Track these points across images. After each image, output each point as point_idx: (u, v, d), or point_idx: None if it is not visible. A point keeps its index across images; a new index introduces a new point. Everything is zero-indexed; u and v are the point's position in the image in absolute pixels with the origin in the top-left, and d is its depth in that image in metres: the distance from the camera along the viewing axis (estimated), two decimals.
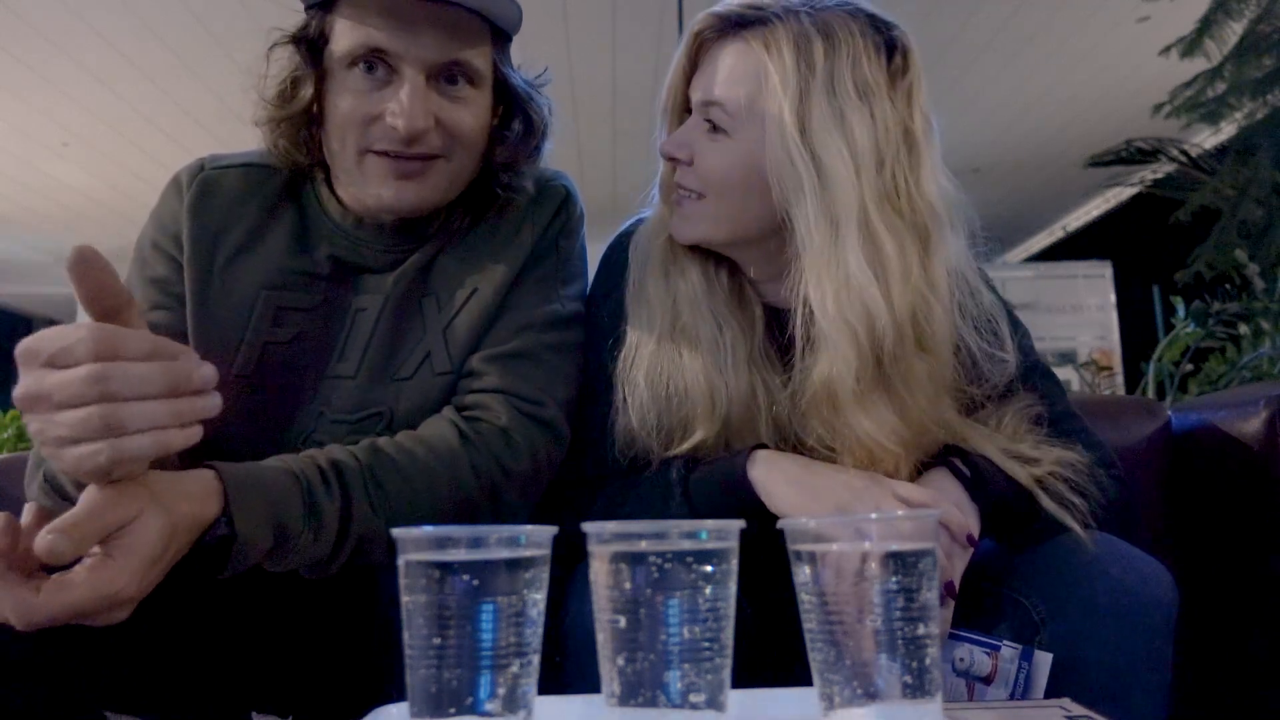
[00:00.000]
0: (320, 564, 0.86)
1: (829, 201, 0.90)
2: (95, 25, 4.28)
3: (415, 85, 0.93)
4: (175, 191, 1.04)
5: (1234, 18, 3.00)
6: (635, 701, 0.55)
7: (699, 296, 1.01)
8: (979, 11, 4.42)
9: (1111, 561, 0.85)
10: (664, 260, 1.04)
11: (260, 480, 0.82)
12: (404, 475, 0.89)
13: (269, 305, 1.01)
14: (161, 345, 0.67)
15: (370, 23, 0.93)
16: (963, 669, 0.84)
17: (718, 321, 1.00)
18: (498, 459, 0.94)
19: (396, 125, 0.93)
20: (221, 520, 0.78)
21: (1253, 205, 3.02)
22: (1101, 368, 4.29)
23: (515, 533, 0.56)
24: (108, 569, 0.68)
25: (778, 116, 0.91)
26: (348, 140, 0.96)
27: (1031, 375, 1.04)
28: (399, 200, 0.97)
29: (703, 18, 0.98)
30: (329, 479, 0.85)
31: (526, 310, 1.03)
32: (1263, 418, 1.20)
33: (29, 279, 9.03)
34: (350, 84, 0.95)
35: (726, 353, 0.99)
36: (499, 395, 0.98)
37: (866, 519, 0.58)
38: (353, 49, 0.94)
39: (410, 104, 0.93)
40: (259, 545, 0.80)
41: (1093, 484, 0.94)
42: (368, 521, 0.86)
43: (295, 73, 0.98)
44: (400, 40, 0.93)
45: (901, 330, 0.90)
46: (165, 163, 1.26)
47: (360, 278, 1.03)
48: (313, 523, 0.83)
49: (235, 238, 1.02)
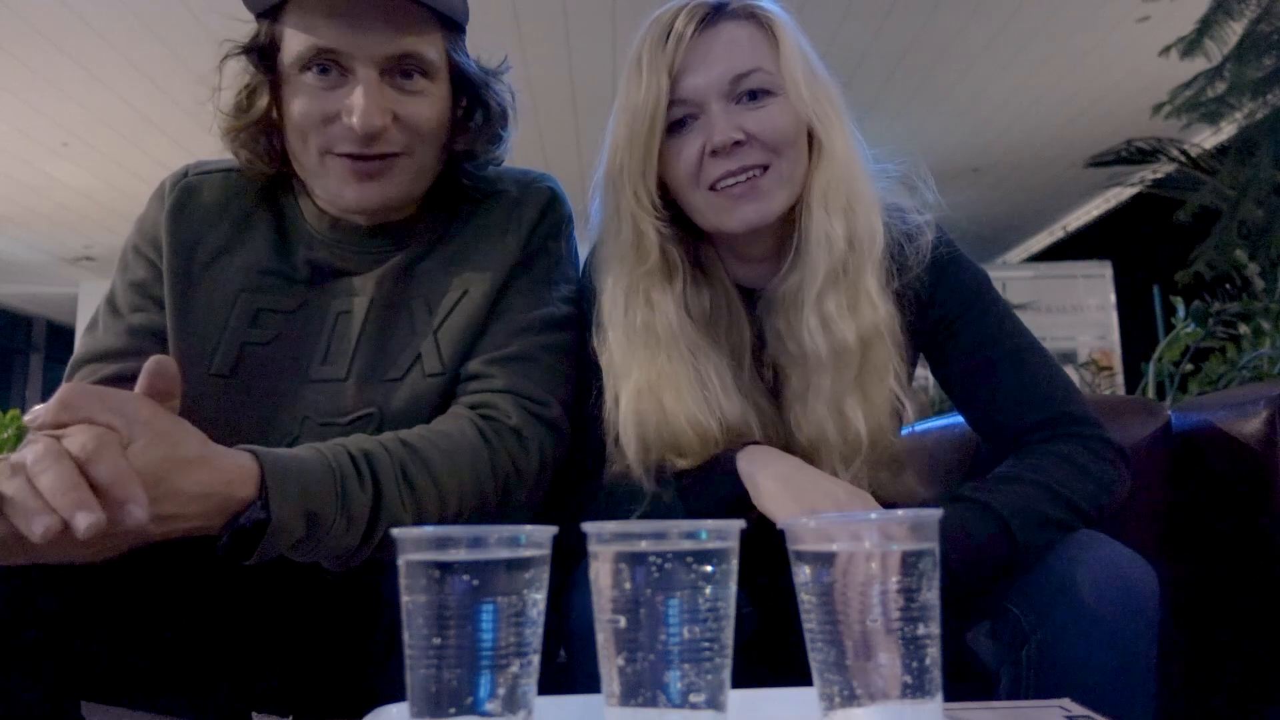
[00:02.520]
0: (347, 555, 0.85)
1: (841, 117, 1.02)
2: (95, 25, 4.28)
3: (369, 82, 0.94)
4: (158, 198, 1.07)
5: (1234, 18, 2.99)
6: (635, 701, 0.55)
7: (675, 333, 1.00)
8: (979, 12, 4.42)
9: (1093, 563, 0.85)
10: (630, 299, 1.02)
11: (297, 466, 0.81)
12: (433, 469, 0.89)
13: (247, 307, 1.01)
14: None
15: (317, 25, 0.94)
16: None
17: (696, 356, 1.00)
18: (513, 458, 0.95)
19: (353, 124, 0.93)
20: (257, 503, 0.77)
21: (1253, 205, 3.02)
22: (1101, 368, 4.30)
23: (515, 533, 0.56)
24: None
25: (800, 52, 1.01)
26: (308, 143, 0.97)
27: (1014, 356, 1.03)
28: (362, 200, 0.98)
29: (681, 20, 0.99)
30: (361, 469, 0.85)
31: (521, 314, 1.03)
32: (1263, 418, 1.20)
33: (29, 279, 9.03)
34: (304, 87, 0.96)
35: (714, 388, 0.99)
36: (508, 395, 0.98)
37: (866, 519, 0.58)
38: (302, 52, 0.95)
39: (365, 102, 0.93)
40: (292, 532, 0.79)
41: (1077, 475, 0.94)
42: (397, 513, 0.86)
43: (250, 82, 0.99)
44: (348, 38, 0.93)
45: (871, 231, 1.00)
46: (165, 163, 1.26)
47: (340, 281, 1.04)
48: (345, 512, 0.83)
49: (214, 242, 1.04)
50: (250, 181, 1.06)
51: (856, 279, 1.00)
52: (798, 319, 1.00)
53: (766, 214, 0.99)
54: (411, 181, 1.01)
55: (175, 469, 0.71)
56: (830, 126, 1.01)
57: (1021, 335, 1.05)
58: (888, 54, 4.80)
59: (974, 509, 0.89)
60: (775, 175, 0.99)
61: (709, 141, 0.97)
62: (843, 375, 0.99)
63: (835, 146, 1.01)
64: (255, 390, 1.01)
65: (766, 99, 0.99)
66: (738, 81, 0.98)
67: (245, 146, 1.02)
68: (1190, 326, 2.78)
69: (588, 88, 5.05)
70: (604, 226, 1.06)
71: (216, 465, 0.75)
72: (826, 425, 0.99)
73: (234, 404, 1.00)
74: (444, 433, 0.93)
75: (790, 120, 0.99)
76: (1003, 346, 1.03)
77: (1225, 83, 3.03)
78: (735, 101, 0.99)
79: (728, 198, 0.99)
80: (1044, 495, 0.90)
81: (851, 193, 1.01)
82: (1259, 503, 1.21)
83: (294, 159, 1.01)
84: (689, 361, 1.00)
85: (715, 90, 0.98)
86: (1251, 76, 2.97)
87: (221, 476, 0.75)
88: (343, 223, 1.04)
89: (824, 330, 0.98)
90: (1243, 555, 1.24)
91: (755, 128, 0.98)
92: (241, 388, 1.00)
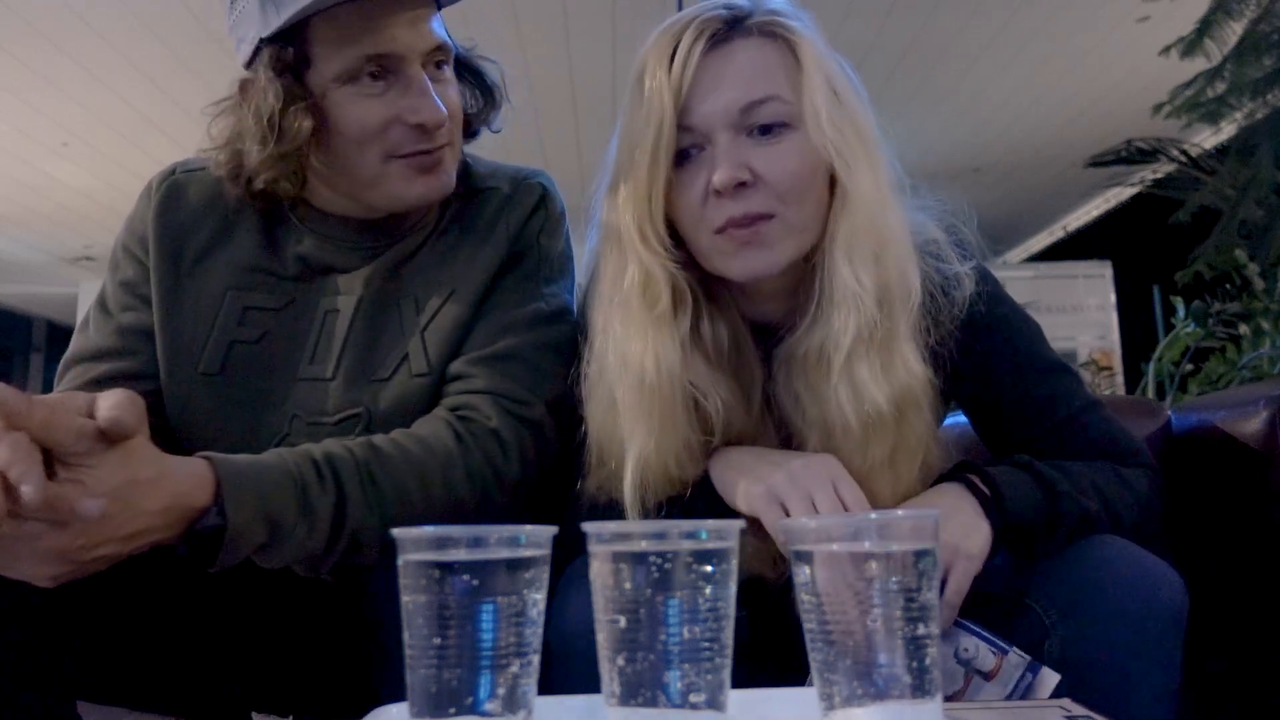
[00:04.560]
0: (313, 560, 0.85)
1: (870, 152, 0.91)
2: (95, 25, 4.28)
3: (421, 79, 0.95)
4: (145, 196, 1.06)
5: (1234, 18, 2.99)
6: (635, 701, 0.55)
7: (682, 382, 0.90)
8: (979, 11, 4.42)
9: (1122, 566, 0.84)
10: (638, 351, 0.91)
11: (254, 471, 0.81)
12: (399, 472, 0.89)
13: (235, 304, 1.01)
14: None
15: (360, 33, 0.93)
16: (965, 658, 0.84)
17: (705, 393, 0.92)
18: (490, 460, 0.93)
19: (423, 121, 0.94)
20: (213, 509, 0.77)
21: (1253, 205, 3.02)
22: (1101, 368, 4.30)
23: (515, 533, 0.55)
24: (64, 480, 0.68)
25: (825, 77, 0.89)
26: (367, 152, 0.96)
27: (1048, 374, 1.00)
28: (429, 194, 0.99)
29: (690, 35, 0.90)
30: (323, 473, 0.85)
31: (509, 311, 1.02)
32: (1263, 418, 1.20)
33: (29, 279, 9.02)
34: (354, 98, 0.95)
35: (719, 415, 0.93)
36: (488, 396, 0.97)
37: (866, 519, 0.58)
38: (350, 64, 0.93)
39: (430, 99, 0.94)
40: (251, 537, 0.80)
41: (1121, 487, 0.93)
42: (362, 518, 0.86)
43: (283, 105, 0.93)
44: (396, 41, 0.93)
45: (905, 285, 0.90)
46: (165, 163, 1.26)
47: (329, 278, 1.03)
48: (306, 516, 0.83)
49: (201, 239, 1.03)
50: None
51: (891, 338, 0.88)
52: (824, 385, 0.89)
53: (772, 264, 0.89)
54: (454, 168, 1.02)
55: (135, 489, 0.72)
56: (854, 164, 0.89)
57: (1075, 396, 0.98)
58: (888, 53, 4.80)
59: (1022, 470, 0.89)
60: (781, 224, 0.88)
61: (711, 180, 0.87)
62: (873, 450, 0.89)
63: (860, 188, 0.89)
64: (244, 389, 1.00)
65: (781, 133, 0.88)
66: (749, 111, 0.88)
67: (277, 171, 0.96)
68: (1190, 326, 2.79)
69: (588, 88, 5.05)
70: (603, 261, 0.95)
71: (173, 477, 0.75)
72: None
73: (223, 403, 1.00)
74: (416, 436, 0.92)
75: (806, 160, 0.88)
76: (1057, 415, 0.97)
77: (1225, 83, 3.03)
78: (746, 134, 0.88)
79: (731, 241, 0.88)
80: (1089, 487, 0.90)
81: (881, 239, 0.89)
82: (1259, 503, 1.21)
83: (333, 168, 0.99)
84: (692, 408, 0.91)
85: (723, 121, 0.88)
86: (1251, 76, 2.97)
87: (178, 487, 0.76)
88: (333, 218, 1.03)
89: (855, 399, 0.87)
90: (1243, 555, 1.24)
91: (764, 168, 0.87)
92: (230, 386, 1.00)
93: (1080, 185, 6.44)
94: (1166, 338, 2.88)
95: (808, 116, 0.88)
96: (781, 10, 0.93)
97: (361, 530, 0.86)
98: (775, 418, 0.97)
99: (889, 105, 5.37)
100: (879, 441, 0.89)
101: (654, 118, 0.88)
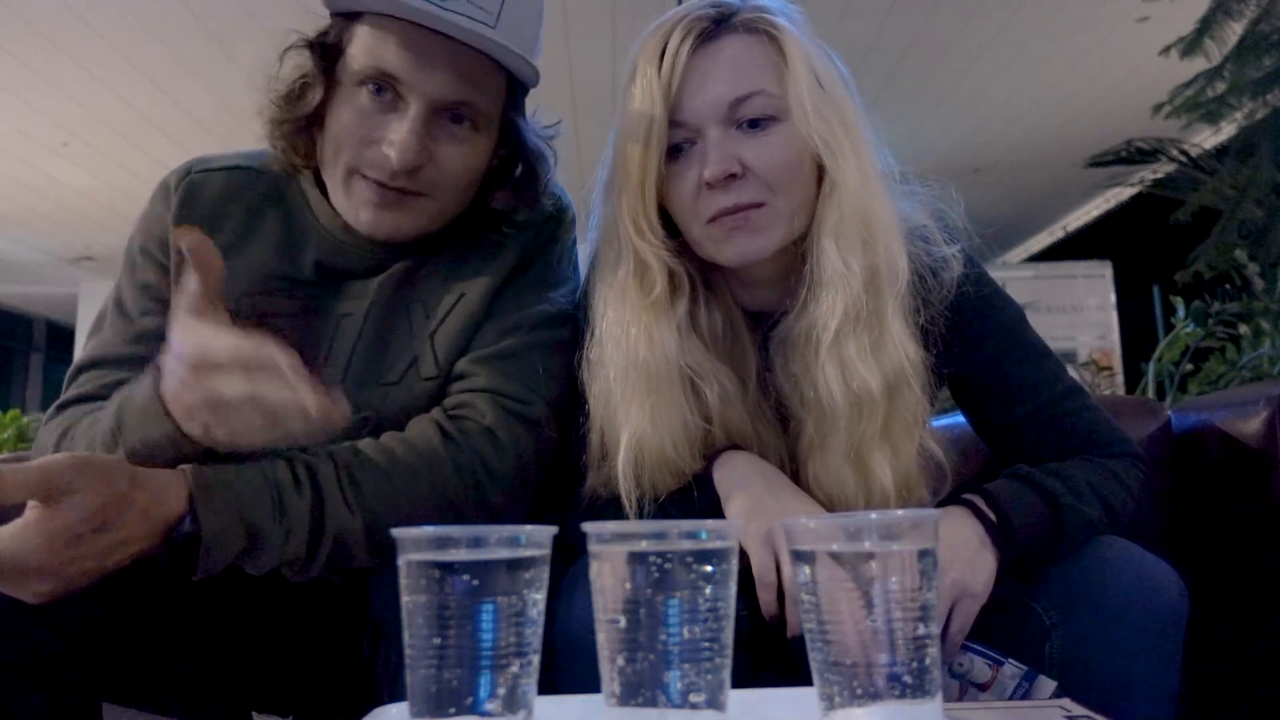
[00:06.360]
0: (298, 564, 0.86)
1: (855, 141, 0.93)
2: (95, 25, 4.28)
3: (415, 119, 0.92)
4: (163, 196, 1.05)
5: (1234, 18, 3.00)
6: (635, 701, 0.55)
7: (679, 365, 0.94)
8: (979, 12, 4.42)
9: (1122, 566, 0.84)
10: (634, 335, 0.94)
11: (227, 479, 0.83)
12: (381, 474, 0.89)
13: (251, 310, 1.01)
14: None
15: (387, 46, 0.92)
16: (960, 673, 0.84)
17: (701, 377, 0.95)
18: (481, 458, 0.94)
19: (390, 155, 0.92)
20: (187, 518, 0.80)
21: (1253, 205, 3.02)
22: (1101, 368, 4.29)
23: (515, 533, 0.56)
24: (16, 530, 0.73)
25: (809, 70, 0.92)
26: (340, 156, 0.96)
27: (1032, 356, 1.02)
28: (375, 227, 0.97)
29: (678, 34, 0.93)
30: (300, 478, 0.86)
31: (514, 312, 1.03)
32: (1263, 418, 1.20)
33: (29, 279, 9.03)
34: (356, 101, 0.95)
35: (714, 406, 0.95)
36: (486, 394, 0.97)
37: (866, 519, 0.58)
38: (365, 69, 0.93)
39: (406, 138, 0.92)
40: (229, 543, 0.81)
41: (1116, 485, 0.94)
42: (343, 521, 0.86)
43: (305, 78, 0.97)
44: (413, 70, 0.92)
45: (893, 267, 0.92)
46: (165, 163, 1.26)
47: (344, 284, 1.03)
48: (283, 520, 0.84)
49: (220, 242, 1.02)
50: (256, 178, 1.05)
51: (879, 317, 0.92)
52: (814, 363, 0.93)
53: (762, 249, 0.93)
54: (428, 221, 1.00)
55: (114, 505, 0.75)
56: (840, 153, 0.92)
57: (1058, 380, 1.00)
58: (888, 53, 4.80)
59: (1026, 486, 0.89)
60: (770, 212, 0.92)
61: (703, 173, 0.91)
62: (865, 427, 0.91)
63: (846, 176, 0.92)
64: None
65: (769, 125, 0.92)
66: (736, 106, 0.91)
67: (285, 139, 1.00)
68: (1190, 326, 2.79)
69: (588, 88, 5.04)
70: (603, 252, 1.00)
71: (148, 489, 0.78)
72: (846, 482, 0.93)
73: None
74: (401, 437, 0.93)
75: (793, 150, 0.92)
76: (1040, 397, 0.99)
77: (1225, 83, 3.03)
78: (735, 127, 0.92)
79: (721, 228, 0.92)
80: (1088, 491, 0.91)
81: (869, 222, 0.92)
82: (1259, 503, 1.21)
83: (321, 160, 1.00)
84: (689, 390, 0.94)
85: (712, 115, 0.91)
86: (1251, 76, 2.97)
87: (154, 499, 0.78)
88: (350, 225, 1.03)
89: (843, 378, 0.91)
90: (1243, 555, 1.24)
91: (753, 160, 0.91)
92: None
93: (1080, 185, 6.44)
94: (1166, 338, 2.88)
95: (794, 109, 0.92)
96: (767, 7, 0.96)
97: (345, 533, 0.86)
98: (772, 403, 1.00)
99: (889, 105, 5.38)
100: (871, 417, 0.91)
101: (646, 114, 0.92)
